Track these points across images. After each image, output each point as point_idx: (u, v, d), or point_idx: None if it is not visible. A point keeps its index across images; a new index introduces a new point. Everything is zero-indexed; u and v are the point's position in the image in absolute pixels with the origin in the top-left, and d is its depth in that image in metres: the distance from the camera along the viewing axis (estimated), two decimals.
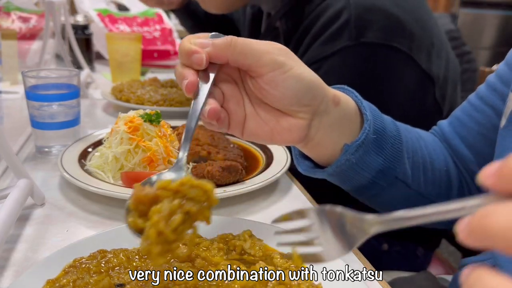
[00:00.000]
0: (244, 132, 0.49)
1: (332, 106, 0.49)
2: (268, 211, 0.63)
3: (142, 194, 0.37)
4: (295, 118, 0.48)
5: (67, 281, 0.40)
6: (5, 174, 0.69)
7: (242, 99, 0.48)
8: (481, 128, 0.62)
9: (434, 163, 0.63)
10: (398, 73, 0.81)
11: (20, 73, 0.82)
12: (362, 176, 0.54)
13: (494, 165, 0.22)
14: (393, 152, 0.55)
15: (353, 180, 0.55)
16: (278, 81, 0.45)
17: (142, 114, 0.72)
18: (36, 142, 0.78)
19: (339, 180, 0.56)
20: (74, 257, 0.44)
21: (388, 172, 0.55)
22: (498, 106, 0.59)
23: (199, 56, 0.44)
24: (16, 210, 0.51)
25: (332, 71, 0.80)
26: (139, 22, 1.76)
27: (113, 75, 1.32)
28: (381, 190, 0.58)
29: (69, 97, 0.77)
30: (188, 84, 0.44)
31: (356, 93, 0.54)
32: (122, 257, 0.44)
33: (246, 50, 0.44)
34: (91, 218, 0.59)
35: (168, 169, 0.44)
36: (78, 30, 1.46)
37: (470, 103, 0.64)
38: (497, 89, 0.60)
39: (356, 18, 0.77)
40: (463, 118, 0.65)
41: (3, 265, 0.48)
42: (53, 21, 1.13)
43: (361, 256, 0.53)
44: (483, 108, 0.62)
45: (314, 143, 0.50)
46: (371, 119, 0.52)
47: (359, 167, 0.53)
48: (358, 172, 0.54)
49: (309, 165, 0.56)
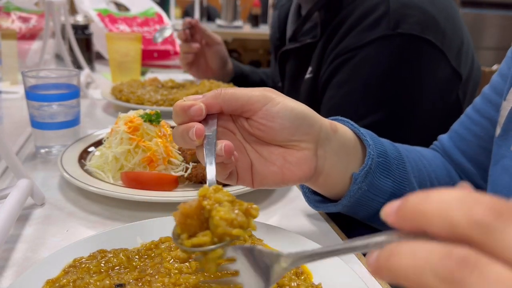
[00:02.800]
0: (254, 179, 0.49)
1: (331, 133, 0.50)
2: (268, 211, 0.63)
3: (186, 207, 0.36)
4: (300, 150, 0.48)
5: (67, 281, 0.40)
6: (5, 174, 0.69)
7: (243, 147, 0.49)
8: (480, 141, 0.62)
9: (439, 179, 0.63)
10: (431, 66, 0.83)
11: (20, 73, 0.82)
12: (376, 202, 0.54)
13: (395, 203, 0.23)
14: (400, 172, 0.55)
15: (367, 208, 0.55)
16: (273, 113, 0.46)
17: (142, 114, 0.72)
18: (36, 142, 0.78)
19: (354, 211, 0.56)
20: (74, 257, 0.44)
21: (400, 194, 0.55)
22: (495, 118, 0.60)
23: (197, 107, 0.45)
24: (16, 210, 0.51)
25: (368, 59, 0.82)
26: (139, 22, 1.76)
27: (113, 75, 1.32)
28: None
29: (69, 97, 0.77)
30: (196, 130, 0.44)
31: (351, 122, 0.54)
32: (122, 257, 0.44)
33: (236, 94, 0.46)
34: (91, 218, 0.59)
35: None
36: (78, 30, 1.46)
37: (468, 116, 0.65)
38: (492, 100, 0.61)
39: (393, 11, 0.81)
40: (462, 132, 0.65)
41: (3, 265, 0.48)
42: (53, 21, 1.13)
43: (361, 256, 0.53)
44: (480, 120, 0.62)
45: (324, 175, 0.50)
46: (372, 143, 0.52)
47: (371, 193, 0.53)
48: (371, 198, 0.54)
49: (320, 200, 0.56)
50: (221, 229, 0.34)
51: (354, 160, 0.52)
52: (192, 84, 1.23)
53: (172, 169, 0.70)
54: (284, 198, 0.67)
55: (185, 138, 0.44)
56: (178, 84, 1.22)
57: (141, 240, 0.48)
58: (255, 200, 0.65)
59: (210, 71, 1.28)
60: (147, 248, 0.46)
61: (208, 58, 1.28)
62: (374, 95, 0.83)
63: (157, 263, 0.43)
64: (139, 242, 0.47)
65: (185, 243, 0.36)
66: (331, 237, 0.57)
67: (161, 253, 0.45)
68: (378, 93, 0.83)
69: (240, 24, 3.25)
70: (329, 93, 0.89)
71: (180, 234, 0.37)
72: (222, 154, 0.44)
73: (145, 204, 0.61)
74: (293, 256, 0.30)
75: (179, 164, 0.70)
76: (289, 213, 0.63)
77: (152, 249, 0.46)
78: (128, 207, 0.61)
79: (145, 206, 0.61)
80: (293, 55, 1.05)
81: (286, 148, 0.48)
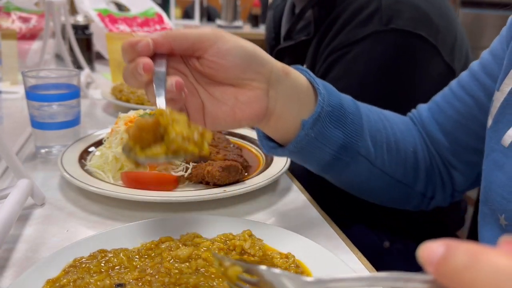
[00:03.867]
0: (206, 119, 0.49)
1: (283, 76, 0.50)
2: (268, 211, 0.63)
3: (143, 121, 0.37)
4: (251, 89, 0.48)
5: (67, 281, 0.40)
6: (5, 174, 0.69)
7: (195, 89, 0.49)
8: (460, 117, 0.62)
9: (399, 144, 0.63)
10: (425, 62, 0.83)
11: (20, 73, 0.82)
12: (324, 151, 0.55)
13: (437, 250, 0.21)
14: (353, 126, 0.55)
15: (315, 156, 0.55)
16: (223, 50, 0.46)
17: (142, 114, 0.72)
18: (36, 142, 0.78)
19: (302, 158, 0.56)
20: (74, 257, 0.44)
21: (351, 147, 0.56)
22: (480, 98, 0.59)
23: (144, 42, 0.44)
24: (16, 210, 0.51)
25: (361, 55, 0.83)
26: (139, 22, 1.76)
27: (113, 75, 1.32)
28: (345, 166, 0.58)
29: (69, 97, 0.77)
30: (144, 65, 0.43)
31: (308, 71, 0.55)
32: (122, 257, 0.44)
33: (186, 33, 0.46)
34: (91, 218, 0.59)
35: None
36: (78, 30, 1.46)
37: (452, 90, 0.64)
38: (479, 79, 0.60)
39: (385, 7, 0.81)
40: (442, 105, 0.65)
41: (3, 265, 0.48)
42: (53, 21, 1.13)
43: (361, 256, 0.53)
44: (463, 97, 0.62)
45: (275, 117, 0.51)
46: (325, 93, 0.53)
47: (319, 142, 0.53)
48: (319, 147, 0.54)
49: (272, 146, 0.56)
50: (176, 144, 0.35)
51: (306, 107, 0.53)
52: None
53: (172, 169, 0.70)
54: (284, 198, 0.67)
55: (134, 74, 0.44)
56: None
57: (141, 240, 0.48)
58: (255, 200, 0.65)
59: None
60: (147, 248, 0.46)
61: None
62: (369, 90, 0.83)
63: (157, 263, 0.43)
64: (139, 242, 0.48)
65: (138, 154, 0.36)
66: (331, 237, 0.57)
67: (161, 253, 0.45)
68: (373, 89, 0.83)
69: (240, 24, 3.25)
70: None
71: (132, 147, 0.37)
72: (173, 90, 0.44)
73: (145, 204, 0.61)
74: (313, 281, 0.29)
75: (179, 164, 0.70)
76: (289, 213, 0.63)
77: (152, 249, 0.46)
78: (128, 207, 0.61)
79: (145, 206, 0.61)
80: (288, 53, 1.05)
81: (238, 87, 0.48)
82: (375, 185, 0.64)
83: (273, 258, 0.45)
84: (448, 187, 0.69)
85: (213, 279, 0.41)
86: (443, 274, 0.21)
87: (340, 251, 0.53)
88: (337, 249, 0.54)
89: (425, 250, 0.21)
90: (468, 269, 0.20)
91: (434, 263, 0.21)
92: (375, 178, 0.62)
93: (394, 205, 0.71)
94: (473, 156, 0.63)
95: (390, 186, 0.64)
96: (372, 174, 0.61)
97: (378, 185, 0.64)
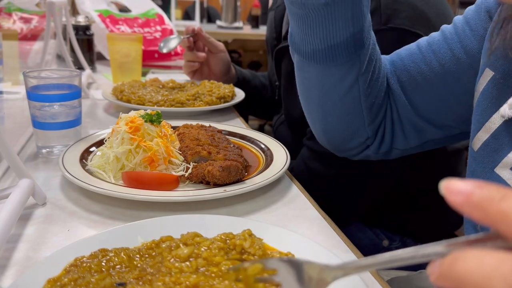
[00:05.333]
0: None
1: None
2: (268, 211, 0.63)
3: None
4: None
5: (68, 280, 0.40)
6: (6, 174, 0.69)
7: None
8: (423, 81, 0.62)
9: (381, 71, 0.65)
10: None
11: (21, 74, 0.83)
12: (346, 25, 0.57)
13: (464, 185, 0.22)
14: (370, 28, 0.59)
15: (334, 26, 0.58)
16: None
17: (143, 114, 0.72)
18: (38, 142, 0.79)
19: (321, 24, 0.58)
20: (75, 256, 0.44)
21: (360, 41, 0.58)
22: (449, 67, 0.59)
23: None
24: (17, 209, 0.51)
25: None
26: (140, 23, 1.77)
27: (114, 75, 1.33)
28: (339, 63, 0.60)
29: (70, 97, 0.78)
30: None
31: None
32: (123, 256, 0.44)
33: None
34: (92, 218, 0.59)
35: None
36: (79, 31, 1.47)
37: (420, 49, 0.65)
38: (453, 49, 0.60)
39: (384, 6, 0.83)
40: (407, 63, 0.66)
41: (5, 265, 0.48)
42: (54, 22, 1.13)
43: (357, 252, 0.53)
44: (431, 60, 0.62)
45: None
46: None
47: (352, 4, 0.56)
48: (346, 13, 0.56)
49: None
50: None
51: None
52: (193, 85, 1.23)
53: (173, 169, 0.70)
54: (284, 198, 0.67)
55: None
56: (179, 85, 1.22)
57: (142, 240, 0.48)
58: (255, 200, 0.65)
59: (213, 77, 1.29)
60: (148, 247, 0.46)
61: (211, 65, 1.28)
62: None
63: (157, 262, 0.44)
64: (140, 241, 0.48)
65: None
66: (331, 237, 0.57)
67: (162, 252, 0.45)
68: None
69: (240, 25, 3.25)
70: None
71: None
72: None
73: (146, 203, 0.62)
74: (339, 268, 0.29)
75: (180, 164, 0.71)
76: (289, 213, 0.63)
77: (153, 248, 0.46)
78: (129, 207, 0.61)
79: (146, 205, 0.62)
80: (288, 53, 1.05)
81: None
82: (341, 103, 0.64)
83: (273, 257, 0.45)
84: (387, 142, 0.68)
85: (214, 278, 0.41)
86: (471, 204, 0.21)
87: (340, 250, 0.53)
88: (336, 248, 0.54)
89: (448, 184, 0.22)
90: (503, 199, 0.21)
91: (463, 196, 0.22)
92: (348, 95, 0.62)
93: (335, 135, 0.70)
94: (423, 124, 0.63)
95: (351, 111, 0.64)
96: (349, 88, 0.62)
97: (343, 105, 0.65)
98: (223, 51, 1.29)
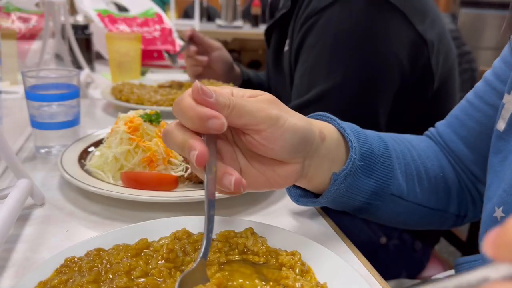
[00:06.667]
0: None
1: (320, 143, 0.49)
2: (268, 211, 0.63)
3: None
4: (291, 164, 0.47)
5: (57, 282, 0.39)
6: (4, 174, 0.69)
7: (235, 154, 0.46)
8: (483, 127, 0.61)
9: (428, 171, 0.62)
10: (394, 28, 0.84)
11: (19, 73, 0.82)
12: (356, 200, 0.54)
13: (493, 233, 0.20)
14: (384, 171, 0.54)
15: (347, 205, 0.55)
16: (276, 136, 0.43)
17: (142, 114, 0.72)
18: (36, 142, 0.78)
19: (333, 206, 0.56)
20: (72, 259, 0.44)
21: (382, 192, 0.55)
22: (498, 105, 0.59)
23: (219, 122, 0.39)
24: (16, 210, 0.51)
25: (331, 19, 0.85)
26: (138, 23, 1.76)
27: (112, 75, 1.32)
28: (377, 209, 0.57)
29: (69, 97, 0.77)
30: (198, 156, 0.39)
31: (337, 120, 0.53)
32: (117, 255, 0.44)
33: (241, 111, 0.42)
34: (91, 218, 0.59)
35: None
36: (78, 30, 1.46)
37: (469, 102, 0.64)
38: (496, 87, 0.60)
39: None
40: (463, 118, 0.64)
41: (3, 265, 0.47)
42: (53, 21, 1.13)
43: (358, 253, 0.53)
44: (482, 107, 0.61)
45: (308, 179, 0.50)
46: (357, 145, 0.51)
47: (350, 193, 0.53)
48: (350, 197, 0.53)
49: (302, 194, 0.55)
50: None
51: (337, 160, 0.52)
52: (192, 84, 1.23)
53: (172, 169, 0.70)
54: (284, 198, 0.67)
55: (183, 151, 0.41)
56: (178, 84, 1.22)
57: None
58: (255, 200, 0.65)
59: (218, 78, 1.29)
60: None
61: (211, 64, 1.28)
62: (342, 52, 0.85)
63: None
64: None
65: None
66: (331, 237, 0.57)
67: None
68: (346, 50, 0.84)
69: (240, 24, 3.25)
70: (302, 58, 0.91)
71: None
72: (230, 189, 0.41)
73: (145, 204, 0.61)
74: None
75: (179, 164, 0.70)
76: (289, 213, 0.63)
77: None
78: (128, 207, 0.61)
79: (145, 206, 0.61)
80: (275, 31, 1.09)
81: (278, 161, 0.46)
82: (410, 217, 0.64)
83: (278, 255, 0.45)
84: (478, 201, 0.68)
85: None
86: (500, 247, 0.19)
87: (340, 250, 0.53)
88: (336, 248, 0.54)
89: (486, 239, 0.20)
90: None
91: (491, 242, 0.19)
92: (409, 212, 0.61)
93: (428, 228, 0.71)
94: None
95: (425, 215, 0.64)
96: (406, 209, 0.60)
97: (413, 217, 0.64)
98: (220, 48, 1.29)
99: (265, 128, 0.43)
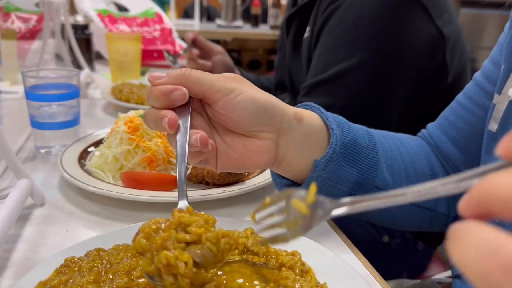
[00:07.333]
0: (218, 164, 0.49)
1: (295, 123, 0.50)
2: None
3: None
4: (261, 139, 0.48)
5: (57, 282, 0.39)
6: (5, 174, 0.69)
7: (212, 133, 0.49)
8: (473, 128, 0.61)
9: (417, 169, 0.62)
10: (415, 19, 0.85)
11: (19, 73, 0.82)
12: (339, 189, 0.54)
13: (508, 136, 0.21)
14: (369, 162, 0.54)
15: (329, 194, 0.55)
16: (233, 105, 0.46)
17: (142, 114, 0.72)
18: (36, 142, 0.78)
19: None
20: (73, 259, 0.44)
21: (366, 183, 0.55)
22: (488, 105, 0.58)
23: (181, 93, 0.44)
24: (16, 210, 0.51)
25: (354, 4, 0.86)
26: (139, 23, 1.76)
27: (112, 75, 1.32)
28: None
29: (69, 97, 0.77)
30: (169, 120, 0.44)
31: (321, 109, 0.54)
32: (117, 255, 0.44)
33: (199, 79, 0.46)
34: (91, 218, 0.59)
35: None
36: (78, 30, 1.46)
37: (459, 103, 0.64)
38: (485, 88, 0.60)
39: None
40: (452, 119, 0.64)
41: (3, 265, 0.47)
42: (52, 21, 1.12)
43: (358, 253, 0.53)
44: (472, 108, 0.61)
45: (286, 162, 0.51)
46: (338, 132, 0.52)
47: (332, 181, 0.53)
48: (333, 186, 0.53)
49: (286, 183, 0.55)
50: None
51: (319, 147, 0.52)
52: None
53: (172, 169, 0.70)
54: None
55: (158, 124, 0.44)
56: None
57: None
58: (255, 200, 0.65)
59: None
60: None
61: (213, 69, 1.28)
62: (361, 36, 0.85)
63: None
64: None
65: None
66: (331, 237, 0.57)
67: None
68: (365, 35, 0.85)
69: (240, 24, 3.25)
70: (321, 41, 0.91)
71: None
72: (197, 145, 0.44)
73: (145, 204, 0.61)
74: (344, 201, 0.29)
75: None
76: None
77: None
78: (128, 207, 0.61)
79: (145, 206, 0.61)
80: (296, 19, 1.09)
81: (247, 137, 0.48)
82: (397, 214, 0.63)
83: (278, 255, 0.45)
84: None
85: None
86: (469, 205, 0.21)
87: (339, 251, 0.53)
88: (336, 248, 0.53)
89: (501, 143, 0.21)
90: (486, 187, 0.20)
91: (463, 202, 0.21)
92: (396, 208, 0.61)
93: (418, 229, 0.70)
94: None
95: (412, 213, 0.63)
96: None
97: (399, 214, 0.63)
98: (221, 53, 1.29)
99: (221, 97, 0.46)
